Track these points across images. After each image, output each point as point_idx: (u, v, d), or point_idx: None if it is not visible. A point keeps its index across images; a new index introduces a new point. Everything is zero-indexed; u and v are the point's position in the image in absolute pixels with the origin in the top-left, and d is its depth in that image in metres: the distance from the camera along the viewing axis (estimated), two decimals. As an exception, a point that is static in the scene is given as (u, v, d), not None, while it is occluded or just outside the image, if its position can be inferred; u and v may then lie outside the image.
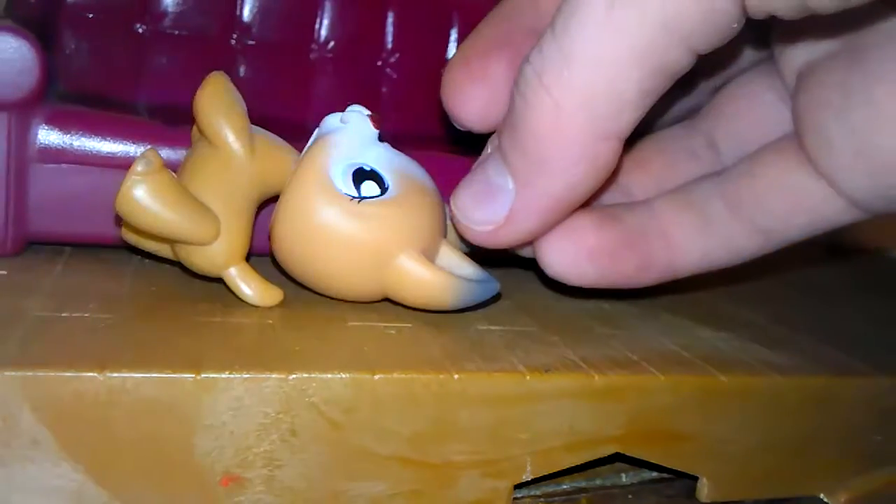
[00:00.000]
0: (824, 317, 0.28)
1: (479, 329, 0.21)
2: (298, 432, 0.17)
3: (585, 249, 0.21)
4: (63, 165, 0.21)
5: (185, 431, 0.16)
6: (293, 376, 0.17)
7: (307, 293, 0.21)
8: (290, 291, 0.21)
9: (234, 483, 0.17)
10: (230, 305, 0.20)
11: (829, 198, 0.20)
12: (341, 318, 0.20)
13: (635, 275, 0.22)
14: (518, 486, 0.19)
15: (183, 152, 0.21)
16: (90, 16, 0.25)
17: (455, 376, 0.18)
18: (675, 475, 0.22)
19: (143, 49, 0.26)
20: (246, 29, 0.28)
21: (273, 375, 0.16)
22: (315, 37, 0.29)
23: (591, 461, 0.20)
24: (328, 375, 0.17)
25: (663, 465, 0.21)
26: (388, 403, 0.17)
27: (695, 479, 0.21)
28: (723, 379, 0.20)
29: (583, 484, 0.22)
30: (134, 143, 0.21)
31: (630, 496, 0.22)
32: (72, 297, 0.19)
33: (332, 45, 0.29)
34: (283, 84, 0.28)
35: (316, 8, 0.28)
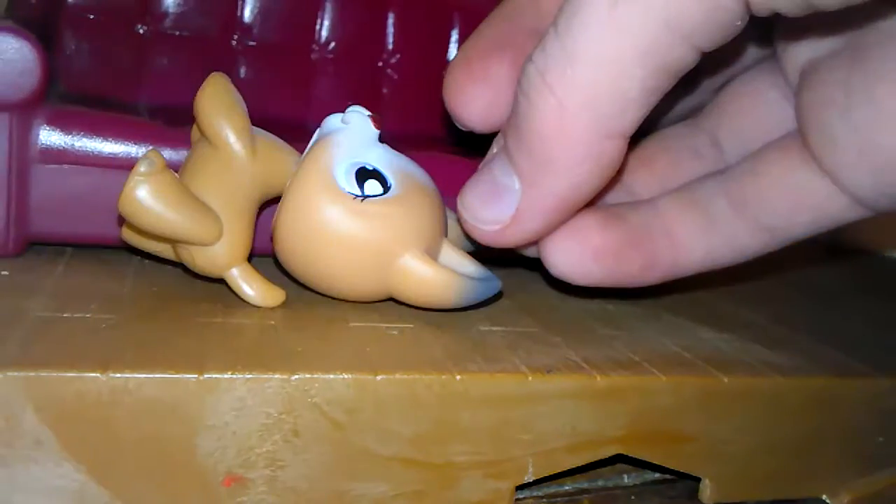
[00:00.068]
0: (825, 318, 0.28)
1: (481, 330, 0.21)
2: (301, 433, 0.17)
3: (590, 249, 0.21)
4: (64, 166, 0.21)
5: (187, 432, 0.16)
6: (296, 377, 0.16)
7: (309, 294, 0.21)
8: (292, 292, 0.21)
9: (237, 483, 0.17)
10: (232, 306, 0.20)
11: (833, 195, 0.20)
12: (343, 318, 0.20)
13: (640, 274, 0.22)
14: (520, 487, 0.19)
15: (184, 153, 0.21)
16: (91, 16, 0.25)
17: (457, 377, 0.18)
18: (678, 476, 0.22)
19: (143, 50, 0.26)
20: (247, 30, 0.28)
21: (275, 376, 0.16)
22: (316, 38, 0.29)
23: (593, 462, 0.20)
24: (330, 376, 0.17)
25: (665, 466, 0.20)
26: (391, 404, 0.17)
27: (697, 480, 0.21)
28: (724, 380, 0.20)
29: (585, 485, 0.22)
30: (135, 143, 0.21)
31: (632, 497, 0.22)
32: (73, 298, 0.19)
33: (332, 45, 0.29)
34: (284, 85, 0.28)
35: (316, 9, 0.29)
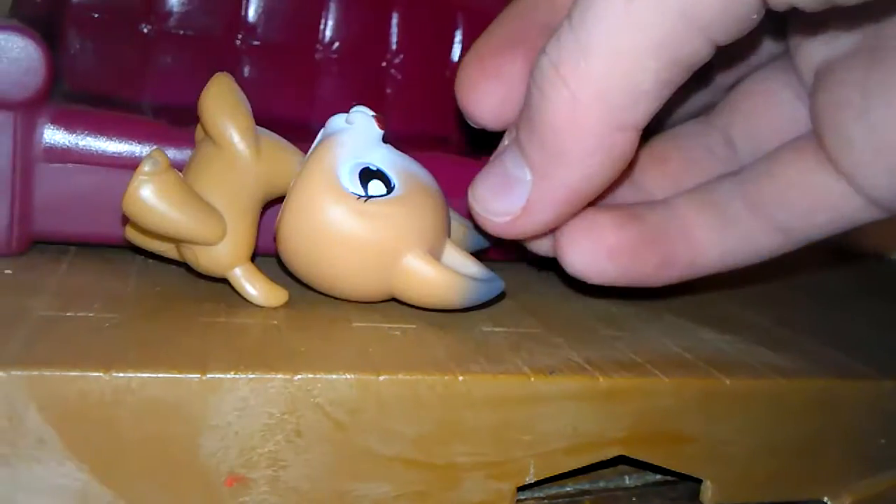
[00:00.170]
0: (828, 320, 0.28)
1: (484, 330, 0.21)
2: (303, 433, 0.17)
3: (606, 248, 0.21)
4: (68, 165, 0.21)
5: (190, 431, 0.16)
6: (298, 377, 0.17)
7: (312, 294, 0.21)
8: (295, 292, 0.21)
9: (239, 483, 0.17)
10: (235, 306, 0.20)
11: (849, 196, 0.20)
12: (346, 318, 0.20)
13: (655, 273, 0.22)
14: (521, 488, 0.19)
15: (188, 152, 0.21)
16: (95, 16, 0.26)
17: (459, 378, 0.18)
18: (679, 478, 0.22)
19: (148, 49, 0.26)
20: (251, 29, 0.28)
21: (278, 376, 0.16)
22: (320, 38, 0.29)
23: (595, 463, 0.20)
24: (333, 376, 0.17)
25: (667, 467, 0.20)
26: (393, 404, 0.17)
27: (698, 481, 0.21)
28: (726, 381, 0.20)
29: (586, 486, 0.22)
30: (139, 142, 0.21)
31: (634, 499, 0.22)
32: (77, 297, 0.19)
33: (336, 45, 0.29)
34: (288, 85, 0.28)
35: (321, 9, 0.29)
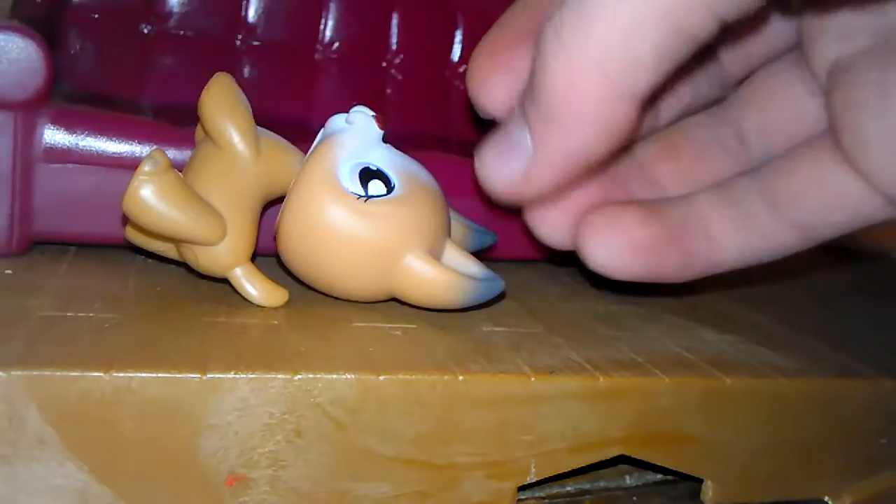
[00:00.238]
0: (828, 319, 0.28)
1: (484, 330, 0.21)
2: (303, 433, 0.17)
3: (630, 243, 0.21)
4: (68, 165, 0.21)
5: (190, 431, 0.16)
6: (298, 377, 0.17)
7: (312, 293, 0.21)
8: (295, 292, 0.21)
9: (239, 483, 0.17)
10: (235, 306, 0.20)
11: (867, 195, 0.20)
12: (346, 318, 0.20)
13: (676, 270, 0.22)
14: (522, 488, 0.19)
15: (188, 153, 0.21)
16: (96, 16, 0.25)
17: (460, 378, 0.18)
18: (680, 477, 0.22)
19: (148, 49, 0.26)
20: (251, 30, 0.28)
21: (278, 376, 0.16)
22: (320, 38, 0.29)
23: (596, 463, 0.20)
24: (333, 376, 0.17)
25: (667, 467, 0.20)
26: (393, 404, 0.17)
27: (699, 481, 0.21)
28: (727, 381, 0.20)
29: (587, 486, 0.22)
30: (139, 143, 0.21)
31: (634, 498, 0.22)
32: (77, 297, 0.19)
33: (336, 45, 0.29)
34: (288, 85, 0.28)
35: (321, 9, 0.28)
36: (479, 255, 0.22)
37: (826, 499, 0.23)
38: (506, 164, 0.20)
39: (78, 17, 0.25)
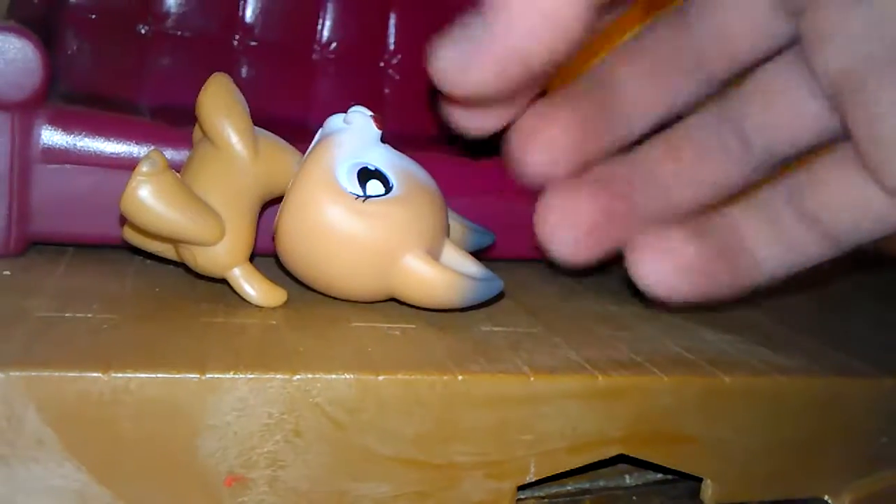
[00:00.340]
0: (828, 319, 0.28)
1: (483, 330, 0.21)
2: (302, 433, 0.17)
3: (682, 265, 0.22)
4: (66, 166, 0.21)
5: (188, 432, 0.16)
6: (297, 377, 0.16)
7: (311, 293, 0.21)
8: (294, 292, 0.21)
9: (238, 483, 0.17)
10: (234, 306, 0.20)
11: (892, 206, 0.20)
12: (345, 318, 0.20)
13: (724, 287, 0.22)
14: (521, 488, 0.19)
15: (186, 153, 0.21)
16: (93, 16, 0.26)
17: (459, 377, 0.18)
18: (679, 476, 0.22)
19: (145, 50, 0.26)
20: (248, 30, 0.28)
21: (277, 376, 0.16)
22: (317, 38, 0.29)
23: (595, 462, 0.20)
24: (332, 376, 0.17)
25: (667, 466, 0.20)
26: (392, 404, 0.17)
27: (699, 480, 0.21)
28: (726, 380, 0.20)
29: (586, 485, 0.22)
30: (137, 143, 0.21)
31: (634, 498, 0.22)
32: (75, 298, 0.19)
33: (334, 46, 0.29)
34: (286, 85, 0.28)
35: (318, 9, 0.29)
36: (478, 254, 0.22)
37: (826, 497, 0.23)
38: (454, 49, 0.20)
39: (75, 17, 0.25)
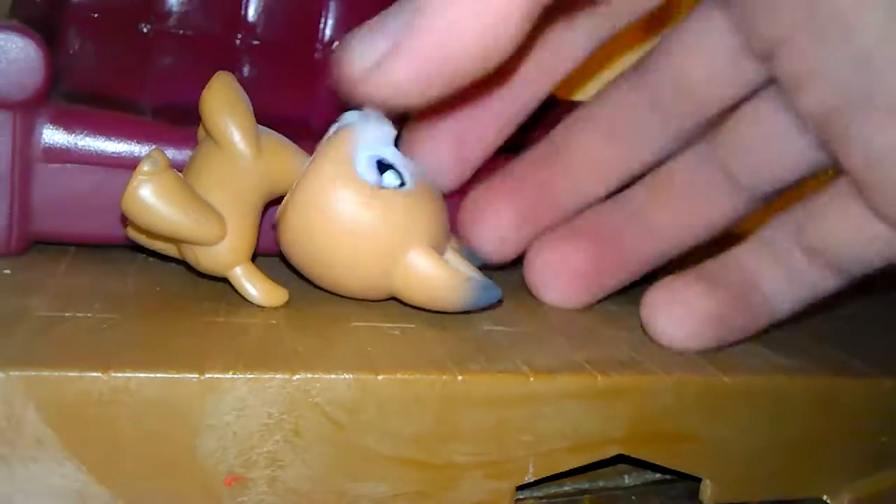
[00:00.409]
0: (828, 318, 0.28)
1: (483, 330, 0.21)
2: (302, 433, 0.17)
3: (702, 316, 0.21)
4: (67, 165, 0.21)
5: (188, 431, 0.16)
6: (297, 377, 0.17)
7: (311, 293, 0.21)
8: (295, 291, 0.21)
9: (238, 483, 0.17)
10: (234, 305, 0.20)
11: (893, 237, 0.20)
12: (345, 318, 0.20)
13: (737, 333, 0.22)
14: (521, 488, 0.19)
15: (188, 153, 0.21)
16: (95, 15, 0.26)
17: (459, 377, 0.18)
18: (679, 476, 0.22)
19: (147, 49, 0.26)
20: (251, 29, 0.28)
21: (277, 376, 0.16)
22: (320, 36, 0.29)
23: (594, 462, 0.20)
24: (332, 376, 0.17)
25: (666, 466, 0.20)
26: (392, 404, 0.17)
27: (698, 480, 0.21)
28: (726, 380, 0.20)
29: (586, 485, 0.22)
30: (138, 143, 0.21)
31: (633, 497, 0.22)
32: (76, 297, 0.19)
33: (336, 44, 0.29)
34: (288, 84, 0.28)
35: (320, 8, 0.28)
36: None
37: (825, 497, 0.23)
38: (370, 43, 0.17)
39: (77, 16, 0.25)
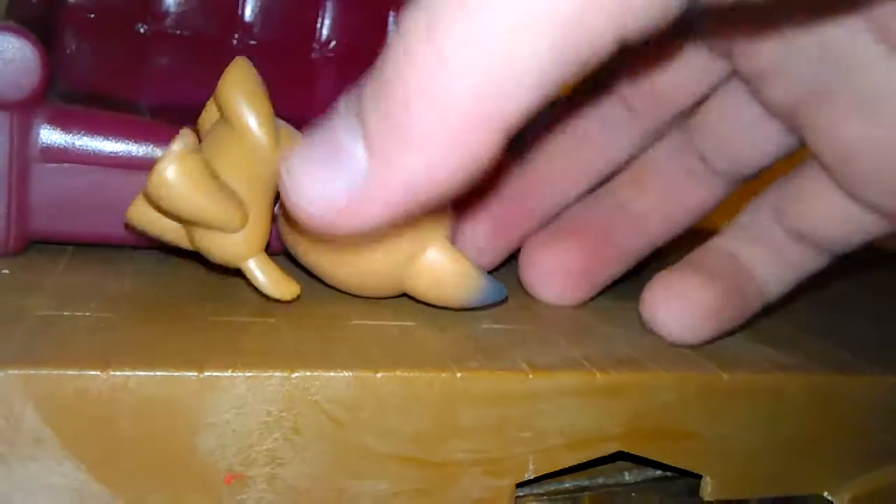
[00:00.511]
0: (828, 315, 0.28)
1: (483, 327, 0.21)
2: (301, 431, 0.17)
3: (701, 310, 0.22)
4: (65, 165, 0.21)
5: (187, 430, 0.16)
6: (296, 375, 0.17)
7: (311, 291, 0.21)
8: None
9: (237, 481, 0.17)
10: (233, 304, 0.20)
11: (869, 216, 0.21)
12: (345, 316, 0.20)
13: (734, 321, 0.23)
14: (520, 485, 0.19)
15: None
16: (92, 16, 0.26)
17: (458, 375, 0.18)
18: (678, 473, 0.22)
19: (144, 49, 0.26)
20: (247, 29, 0.28)
21: (276, 374, 0.16)
22: (317, 36, 0.29)
23: (594, 460, 0.20)
24: (331, 374, 0.17)
25: (666, 463, 0.20)
26: (391, 402, 0.17)
27: (698, 477, 0.21)
28: (726, 377, 0.20)
29: (585, 482, 0.22)
30: (135, 143, 0.21)
31: (633, 494, 0.22)
32: (74, 296, 0.19)
33: (333, 44, 0.29)
34: (285, 84, 0.28)
35: (317, 8, 0.29)
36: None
37: (825, 494, 0.23)
38: (328, 180, 0.15)
39: (74, 17, 0.25)
